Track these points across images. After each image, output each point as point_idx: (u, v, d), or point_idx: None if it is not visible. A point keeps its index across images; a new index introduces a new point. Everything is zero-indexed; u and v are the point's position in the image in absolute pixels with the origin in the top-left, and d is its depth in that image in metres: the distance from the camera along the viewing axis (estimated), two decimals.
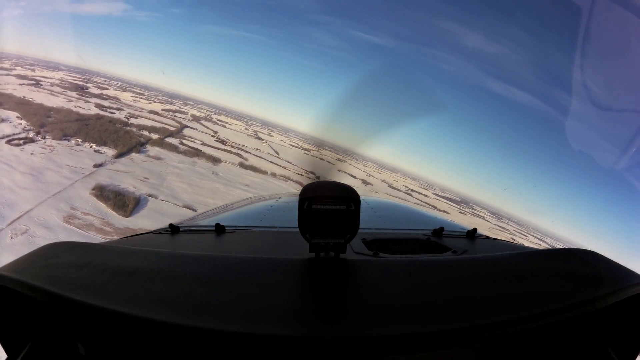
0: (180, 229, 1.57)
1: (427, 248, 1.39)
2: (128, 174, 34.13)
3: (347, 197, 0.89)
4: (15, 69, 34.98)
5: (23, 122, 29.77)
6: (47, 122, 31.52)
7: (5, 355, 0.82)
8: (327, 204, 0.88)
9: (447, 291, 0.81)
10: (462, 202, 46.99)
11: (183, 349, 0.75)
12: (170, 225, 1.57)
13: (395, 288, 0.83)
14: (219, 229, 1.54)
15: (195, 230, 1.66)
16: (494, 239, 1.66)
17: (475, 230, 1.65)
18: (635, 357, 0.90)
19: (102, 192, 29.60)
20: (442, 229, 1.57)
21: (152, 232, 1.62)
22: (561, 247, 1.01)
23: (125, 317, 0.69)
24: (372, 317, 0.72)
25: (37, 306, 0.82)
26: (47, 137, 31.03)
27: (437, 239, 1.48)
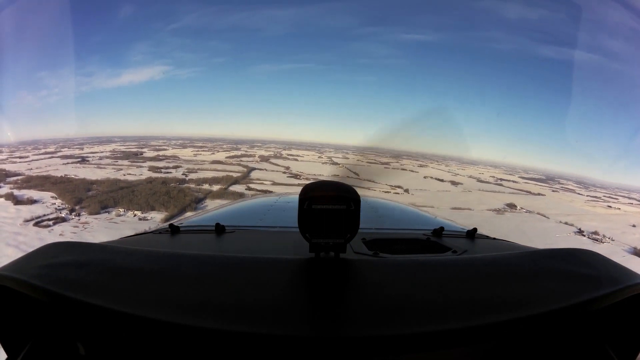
0: (180, 229, 1.57)
1: (427, 248, 1.40)
2: None
3: (347, 197, 0.88)
4: (61, 151, 35.88)
5: (57, 201, 26.88)
6: (85, 197, 28.05)
7: (5, 355, 0.82)
8: (327, 204, 0.87)
9: (447, 291, 0.81)
10: (549, 179, 41.15)
11: (183, 349, 0.76)
12: (170, 225, 1.57)
13: (395, 288, 0.82)
14: (219, 228, 1.54)
15: (195, 230, 1.65)
16: (494, 238, 1.66)
17: (475, 230, 1.66)
18: (635, 357, 0.89)
19: None
20: (442, 229, 1.58)
21: (152, 232, 1.63)
22: (561, 248, 1.01)
23: (125, 317, 0.68)
24: (372, 317, 0.72)
25: (37, 306, 0.80)
26: (82, 213, 26.86)
27: (437, 239, 1.48)
